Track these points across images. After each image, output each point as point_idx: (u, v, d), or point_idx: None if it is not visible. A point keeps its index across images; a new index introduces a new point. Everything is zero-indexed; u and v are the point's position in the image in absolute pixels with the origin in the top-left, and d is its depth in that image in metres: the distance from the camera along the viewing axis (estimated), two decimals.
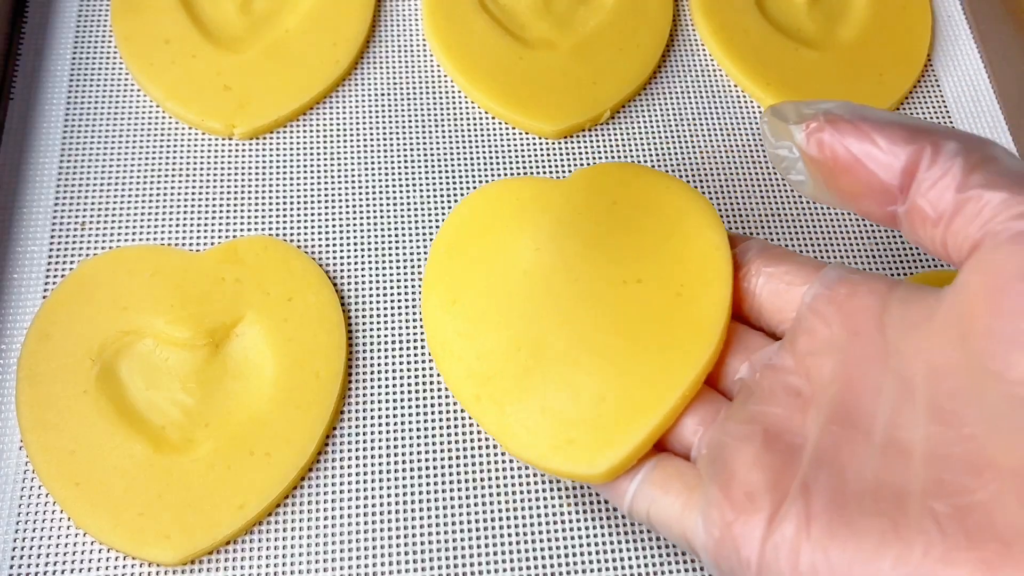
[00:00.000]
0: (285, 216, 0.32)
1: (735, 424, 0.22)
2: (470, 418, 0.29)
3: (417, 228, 0.32)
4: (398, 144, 0.34)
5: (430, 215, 0.33)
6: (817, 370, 0.22)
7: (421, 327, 0.30)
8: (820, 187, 0.22)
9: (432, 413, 0.29)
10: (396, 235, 0.32)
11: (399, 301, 0.31)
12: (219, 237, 0.32)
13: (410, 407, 0.29)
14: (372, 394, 0.29)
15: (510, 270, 0.27)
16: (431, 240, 0.32)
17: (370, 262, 0.32)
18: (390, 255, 0.32)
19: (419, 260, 0.32)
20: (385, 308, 0.31)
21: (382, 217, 0.32)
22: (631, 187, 0.28)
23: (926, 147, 0.20)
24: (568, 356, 0.26)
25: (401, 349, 0.30)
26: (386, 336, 0.30)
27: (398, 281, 0.31)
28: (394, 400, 0.29)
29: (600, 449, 0.25)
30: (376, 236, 0.32)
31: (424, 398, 0.29)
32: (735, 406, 0.23)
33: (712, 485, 0.21)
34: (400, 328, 0.30)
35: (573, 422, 0.25)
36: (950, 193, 0.20)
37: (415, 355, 0.30)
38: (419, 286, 0.31)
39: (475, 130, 0.34)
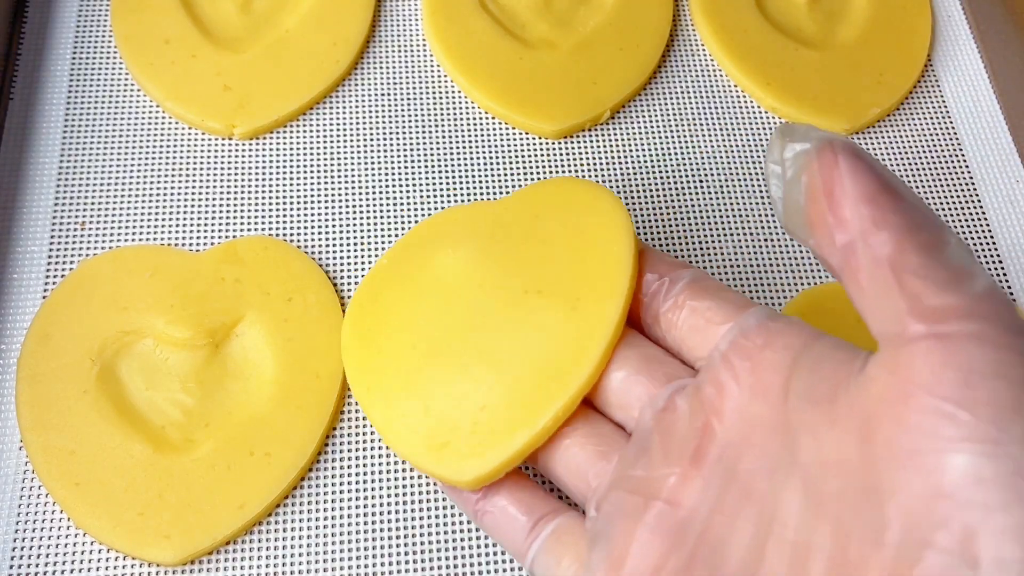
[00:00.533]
0: (285, 216, 0.32)
1: (625, 494, 0.22)
2: None
3: None
4: (398, 144, 0.34)
5: (430, 215, 0.32)
6: (714, 432, 0.21)
7: None
8: (791, 209, 0.20)
9: None
10: (396, 235, 0.32)
11: None
12: (219, 237, 0.32)
13: None
14: None
15: (423, 275, 0.28)
16: None
17: (370, 262, 0.32)
18: None
19: None
20: None
21: (382, 217, 0.32)
22: (557, 201, 0.28)
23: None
24: (460, 361, 0.26)
25: None
26: None
27: None
28: None
29: (471, 457, 0.24)
30: (376, 236, 0.32)
31: None
32: (627, 460, 0.22)
33: (599, 567, 0.21)
34: None
35: (451, 427, 0.25)
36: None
37: None
38: None
39: (475, 130, 0.34)
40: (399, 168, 0.33)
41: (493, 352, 0.26)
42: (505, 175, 0.34)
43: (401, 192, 0.33)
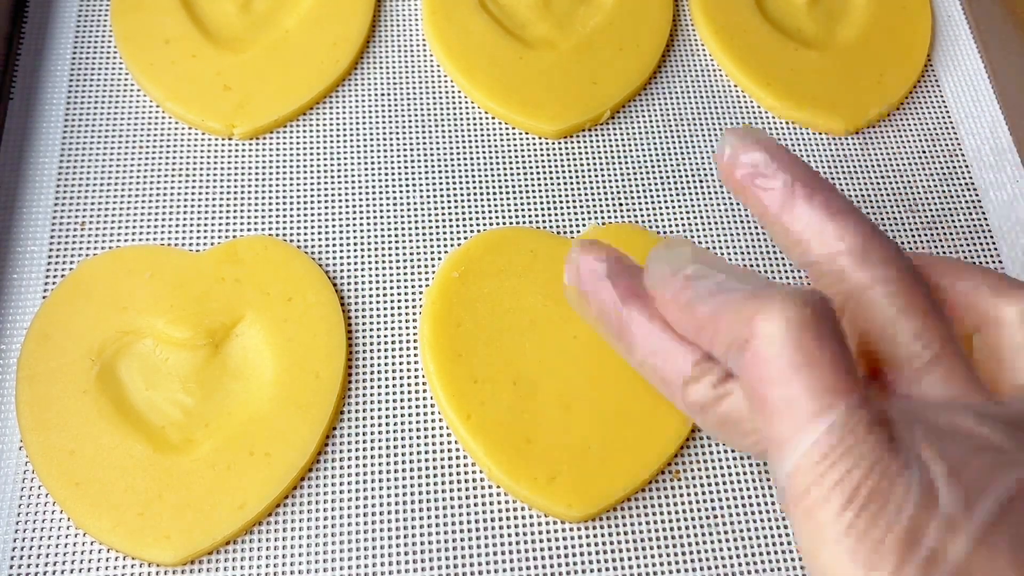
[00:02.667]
0: (285, 216, 0.32)
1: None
2: None
3: (417, 228, 0.32)
4: (398, 144, 0.34)
5: (430, 215, 0.32)
6: None
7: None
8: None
9: (432, 413, 0.29)
10: (396, 235, 0.32)
11: (399, 301, 0.31)
12: (219, 237, 0.32)
13: (410, 407, 0.29)
14: (372, 394, 0.29)
15: (517, 315, 0.30)
16: (431, 240, 0.32)
17: (370, 262, 0.32)
18: (390, 255, 0.32)
19: (419, 260, 0.32)
20: (385, 308, 0.31)
21: (382, 217, 0.32)
22: (634, 255, 0.29)
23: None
24: (560, 401, 0.29)
25: (401, 349, 0.30)
26: (386, 336, 0.30)
27: (398, 281, 0.31)
28: (394, 400, 0.29)
29: (582, 494, 0.28)
30: (376, 236, 0.32)
31: (424, 399, 0.29)
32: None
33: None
34: (400, 328, 0.30)
35: (557, 461, 0.28)
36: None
37: (415, 356, 0.30)
38: (419, 287, 0.31)
39: (475, 130, 0.34)
40: (399, 168, 0.33)
41: (593, 397, 0.29)
42: (505, 175, 0.34)
43: (401, 192, 0.33)
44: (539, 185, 0.33)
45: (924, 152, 0.36)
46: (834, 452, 0.18)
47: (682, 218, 0.33)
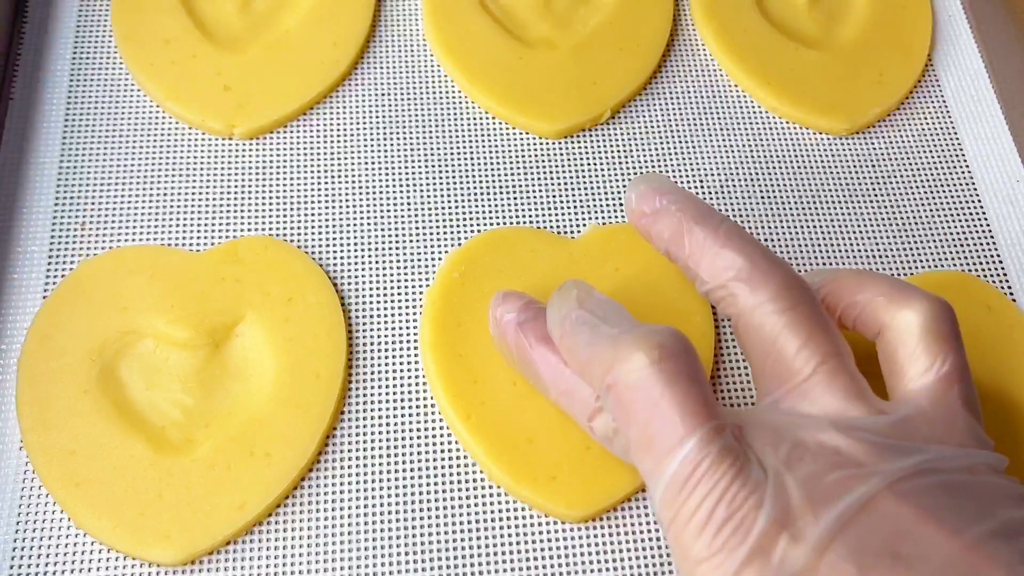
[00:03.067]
0: (285, 216, 0.32)
1: None
2: None
3: (417, 228, 0.32)
4: (398, 144, 0.34)
5: (430, 215, 0.32)
6: None
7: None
8: None
9: (432, 414, 0.29)
10: (396, 235, 0.32)
11: (400, 301, 0.31)
12: (219, 237, 0.32)
13: (410, 407, 0.29)
14: (372, 394, 0.29)
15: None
16: (432, 240, 0.32)
17: (370, 262, 0.32)
18: (390, 255, 0.32)
19: (419, 260, 0.32)
20: (386, 308, 0.31)
21: (382, 217, 0.32)
22: (634, 256, 0.31)
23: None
24: None
25: (401, 350, 0.30)
26: (386, 336, 0.30)
27: (398, 281, 0.31)
28: (394, 400, 0.29)
29: (581, 494, 0.28)
30: (376, 236, 0.32)
31: (424, 399, 0.29)
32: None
33: None
34: (400, 329, 0.30)
35: (558, 462, 0.28)
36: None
37: (415, 356, 0.30)
38: (419, 287, 0.31)
39: (475, 130, 0.34)
40: (399, 168, 0.33)
41: None
42: (505, 175, 0.34)
43: (401, 192, 0.33)
44: (539, 185, 0.33)
45: (924, 152, 0.36)
46: (690, 480, 0.20)
47: None
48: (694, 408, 0.20)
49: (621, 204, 0.33)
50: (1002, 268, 0.33)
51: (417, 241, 0.32)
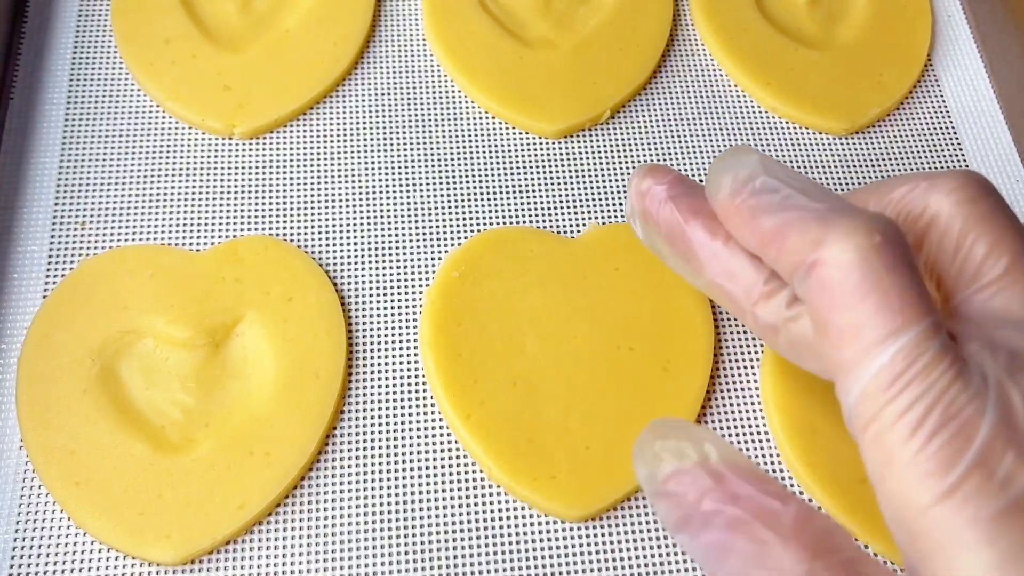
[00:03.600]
0: (285, 216, 0.32)
1: None
2: None
3: (417, 228, 0.32)
4: (398, 144, 0.34)
5: (430, 215, 0.33)
6: None
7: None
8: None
9: (432, 413, 0.29)
10: (396, 235, 0.32)
11: (399, 301, 0.31)
12: (219, 237, 0.32)
13: (410, 407, 0.29)
14: (372, 394, 0.29)
15: (517, 315, 0.30)
16: (431, 240, 0.32)
17: (370, 262, 0.32)
18: (390, 255, 0.32)
19: (419, 260, 0.32)
20: (385, 308, 0.31)
21: (382, 217, 0.32)
22: (634, 255, 0.31)
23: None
24: (560, 400, 0.29)
25: (401, 349, 0.30)
26: (386, 336, 0.30)
27: (398, 281, 0.31)
28: (394, 400, 0.29)
29: (582, 493, 0.28)
30: (376, 236, 0.32)
31: (424, 398, 0.29)
32: None
33: None
34: (400, 328, 0.30)
35: (558, 461, 0.28)
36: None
37: (415, 355, 0.30)
38: (419, 287, 0.31)
39: (475, 130, 0.34)
40: (399, 168, 0.33)
41: (592, 398, 0.29)
42: (505, 175, 0.34)
43: (401, 192, 0.33)
44: (539, 185, 0.33)
45: (924, 152, 0.36)
46: (903, 377, 0.18)
47: None
48: (914, 300, 0.18)
49: (621, 204, 0.33)
50: None
51: (417, 241, 0.32)
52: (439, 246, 0.32)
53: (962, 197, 0.21)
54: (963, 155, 0.36)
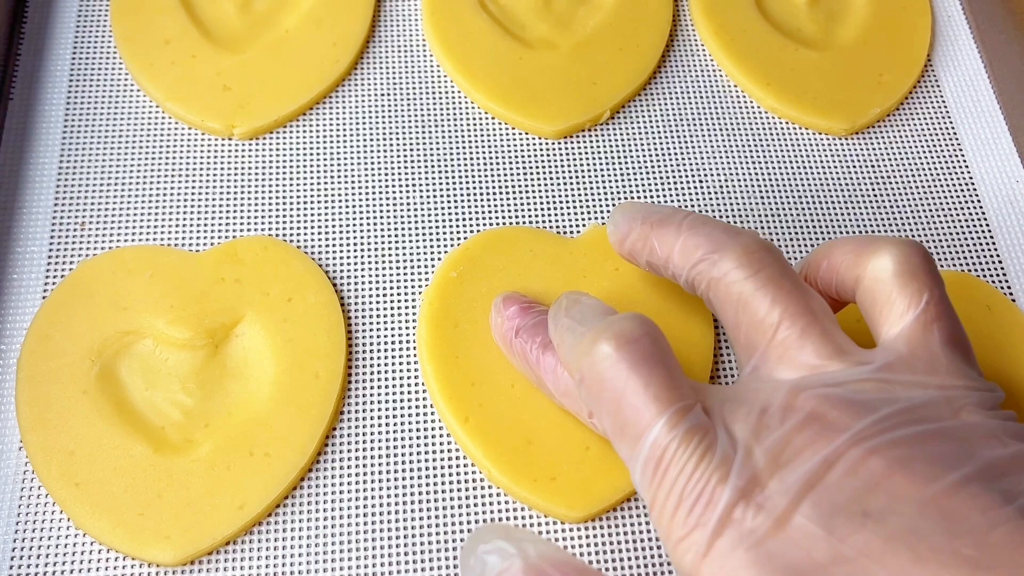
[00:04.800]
0: (285, 216, 0.32)
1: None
2: None
3: (417, 228, 0.32)
4: (398, 145, 0.34)
5: (430, 216, 0.32)
6: None
7: None
8: None
9: (432, 413, 0.29)
10: (396, 236, 0.32)
11: (399, 302, 0.31)
12: (219, 237, 0.32)
13: (410, 408, 0.29)
14: (372, 394, 0.29)
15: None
16: (431, 240, 0.32)
17: (370, 262, 0.32)
18: (390, 256, 0.32)
19: (419, 261, 0.32)
20: (385, 309, 0.31)
21: (382, 217, 0.32)
22: None
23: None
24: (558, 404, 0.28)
25: (401, 350, 0.30)
26: (386, 337, 0.30)
27: (398, 282, 0.31)
28: (394, 400, 0.29)
29: (582, 494, 0.28)
30: (376, 236, 0.32)
31: (424, 399, 0.29)
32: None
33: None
34: (400, 329, 0.30)
35: (558, 462, 0.28)
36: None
37: (415, 356, 0.30)
38: (419, 287, 0.31)
39: (475, 130, 0.34)
40: (399, 168, 0.33)
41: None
42: (505, 175, 0.33)
43: (401, 192, 0.33)
44: (539, 185, 0.33)
45: (924, 152, 0.36)
46: (660, 465, 0.20)
47: None
48: (657, 392, 0.21)
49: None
50: (1001, 268, 0.33)
51: (416, 241, 0.32)
52: (439, 246, 0.32)
53: (739, 275, 0.23)
54: (963, 155, 0.36)
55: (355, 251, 0.32)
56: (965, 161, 0.36)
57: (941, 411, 0.20)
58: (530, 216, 0.33)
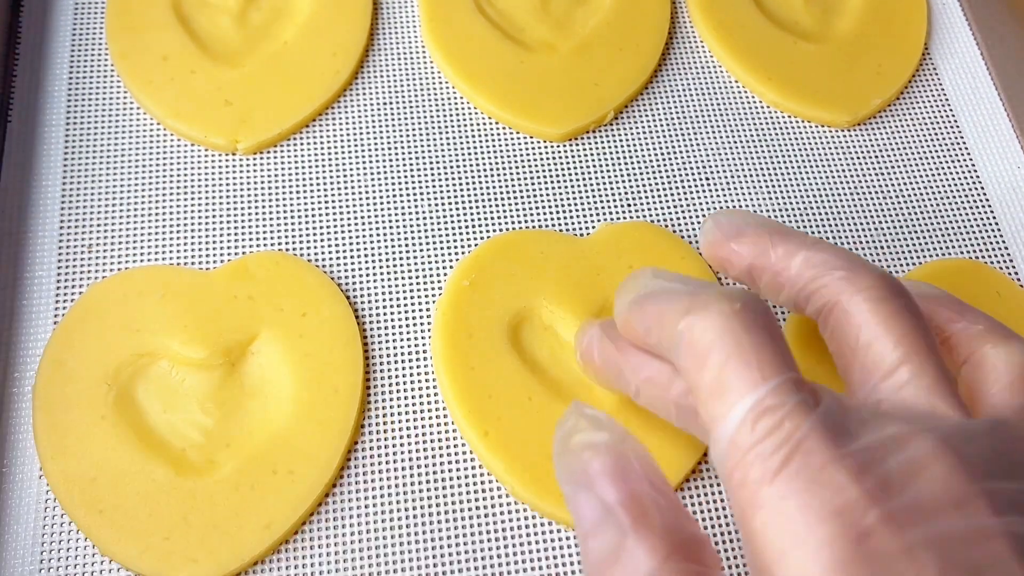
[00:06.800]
0: (294, 230, 0.32)
1: None
2: None
3: (426, 236, 0.32)
4: (404, 153, 0.34)
5: (439, 223, 0.32)
6: None
7: None
8: None
9: (452, 425, 0.29)
10: (406, 244, 0.32)
11: (413, 311, 0.31)
12: (229, 254, 0.31)
13: (430, 419, 0.29)
14: (391, 407, 0.29)
15: (528, 320, 0.30)
16: (442, 248, 0.32)
17: (381, 273, 0.31)
18: (401, 265, 0.32)
19: (430, 269, 0.32)
20: (400, 319, 0.31)
21: (391, 227, 0.32)
22: (648, 252, 0.31)
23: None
24: None
25: (417, 360, 0.30)
26: (402, 347, 0.30)
27: (411, 291, 0.31)
28: (413, 413, 0.29)
29: None
30: (386, 246, 0.32)
31: (443, 410, 0.29)
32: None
33: None
34: (415, 339, 0.30)
35: None
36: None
37: (431, 367, 0.30)
38: (432, 294, 0.31)
39: (480, 136, 0.34)
40: (405, 177, 0.33)
41: (616, 405, 0.28)
42: (513, 179, 0.33)
43: (409, 201, 0.33)
44: (547, 188, 0.33)
45: (926, 141, 0.36)
46: (760, 425, 0.19)
47: (690, 214, 0.33)
48: (772, 358, 0.20)
49: (630, 205, 0.33)
50: (1008, 254, 0.34)
51: (427, 249, 0.32)
52: (449, 253, 0.32)
53: (873, 296, 0.22)
54: (964, 142, 0.36)
55: (366, 262, 0.32)
56: (966, 148, 0.36)
57: None
58: (539, 220, 0.33)
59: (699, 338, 0.20)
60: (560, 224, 0.33)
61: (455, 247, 0.32)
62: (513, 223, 0.33)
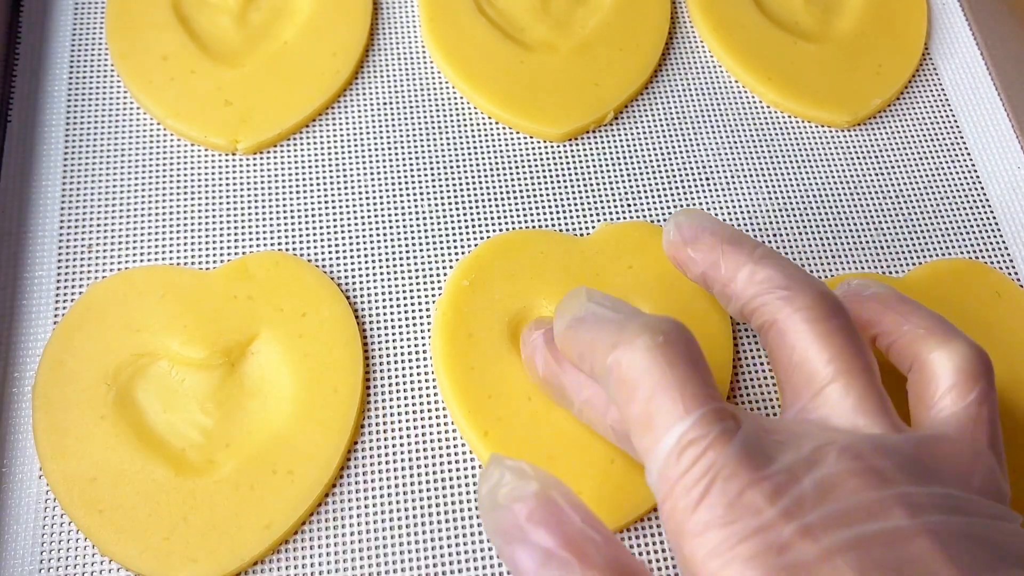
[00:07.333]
0: (294, 230, 0.32)
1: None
2: None
3: (426, 236, 0.32)
4: (404, 153, 0.34)
5: (439, 222, 0.32)
6: None
7: None
8: None
9: (452, 425, 0.29)
10: (406, 244, 0.32)
11: (413, 311, 0.31)
12: (228, 254, 0.31)
13: (429, 419, 0.29)
14: (391, 406, 0.29)
15: (529, 319, 0.30)
16: (442, 248, 0.32)
17: (381, 273, 0.31)
18: (401, 265, 0.32)
19: (430, 268, 0.32)
20: (400, 319, 0.31)
21: (391, 227, 0.32)
22: (648, 253, 0.31)
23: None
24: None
25: (417, 360, 0.30)
26: (402, 347, 0.30)
27: (411, 291, 0.31)
28: (413, 413, 0.29)
29: (609, 508, 0.27)
30: (386, 246, 0.32)
31: (443, 410, 0.29)
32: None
33: None
34: (415, 339, 0.30)
35: (582, 476, 0.28)
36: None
37: (431, 367, 0.30)
38: (432, 294, 0.31)
39: (480, 136, 0.34)
40: (405, 177, 0.33)
41: None
42: (513, 179, 0.33)
43: (409, 201, 0.33)
44: (547, 189, 0.33)
45: (926, 141, 0.36)
46: (686, 456, 0.20)
47: None
48: (695, 390, 0.20)
49: (630, 205, 0.33)
50: (1008, 254, 0.34)
51: (427, 249, 0.32)
52: (449, 253, 0.32)
53: (809, 316, 0.23)
54: (964, 142, 0.36)
55: (366, 262, 0.32)
56: (966, 148, 0.36)
57: (983, 512, 0.20)
58: (539, 220, 0.33)
59: (626, 373, 0.21)
60: (560, 224, 0.33)
61: (455, 247, 0.32)
62: (513, 223, 0.33)
